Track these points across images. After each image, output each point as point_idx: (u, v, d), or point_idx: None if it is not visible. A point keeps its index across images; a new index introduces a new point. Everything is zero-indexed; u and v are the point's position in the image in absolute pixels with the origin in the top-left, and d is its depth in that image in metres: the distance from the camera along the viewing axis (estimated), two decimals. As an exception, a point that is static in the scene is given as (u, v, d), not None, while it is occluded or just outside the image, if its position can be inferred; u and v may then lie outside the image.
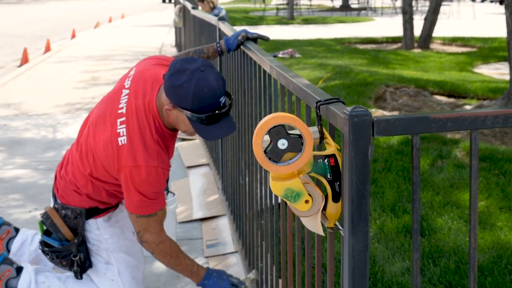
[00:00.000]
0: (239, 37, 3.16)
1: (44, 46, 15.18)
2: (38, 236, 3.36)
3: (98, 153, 2.77)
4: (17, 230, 3.39)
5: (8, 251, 3.28)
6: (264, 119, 1.61)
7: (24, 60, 12.78)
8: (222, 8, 8.30)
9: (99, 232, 2.99)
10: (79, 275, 3.00)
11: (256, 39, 3.20)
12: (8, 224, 3.38)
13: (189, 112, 2.56)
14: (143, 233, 2.81)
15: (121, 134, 2.69)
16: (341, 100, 1.67)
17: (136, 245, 3.11)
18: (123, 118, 2.72)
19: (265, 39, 3.24)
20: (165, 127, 2.74)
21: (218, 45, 3.19)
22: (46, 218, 2.95)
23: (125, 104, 2.75)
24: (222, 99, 2.59)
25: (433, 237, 3.94)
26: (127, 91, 2.79)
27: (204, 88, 2.52)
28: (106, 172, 2.79)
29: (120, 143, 2.68)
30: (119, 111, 2.74)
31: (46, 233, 3.01)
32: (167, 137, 2.77)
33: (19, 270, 3.11)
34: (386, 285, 3.40)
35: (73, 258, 2.95)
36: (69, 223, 2.96)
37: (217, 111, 2.58)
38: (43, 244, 2.99)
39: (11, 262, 3.12)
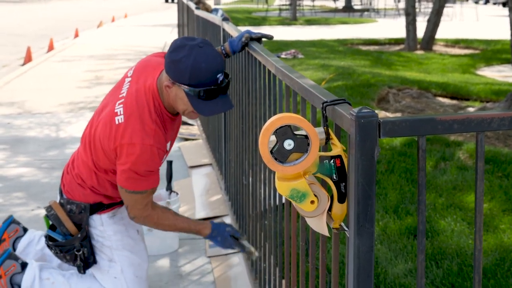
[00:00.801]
0: (243, 39, 3.19)
1: (47, 45, 15.21)
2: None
3: (98, 137, 2.81)
4: (25, 230, 3.39)
5: (14, 249, 3.28)
6: (270, 120, 1.61)
7: (28, 59, 12.80)
8: (219, 9, 8.28)
9: (103, 228, 2.99)
10: (82, 269, 3.01)
11: (260, 38, 3.21)
12: (17, 223, 3.39)
13: (186, 87, 2.62)
14: (130, 208, 2.85)
15: (119, 114, 2.74)
16: (347, 101, 1.67)
17: (140, 243, 3.11)
18: (122, 100, 2.79)
19: (268, 37, 3.25)
20: (165, 109, 2.78)
21: (222, 47, 3.22)
22: (50, 212, 2.97)
23: (126, 89, 2.82)
24: (220, 76, 2.64)
25: (436, 239, 3.94)
26: (129, 79, 2.88)
27: (202, 62, 2.58)
28: (106, 157, 2.82)
29: (117, 122, 2.73)
30: (120, 96, 2.82)
31: (51, 227, 3.04)
32: (166, 119, 2.80)
33: (24, 265, 3.13)
34: (389, 287, 3.40)
35: (76, 253, 2.96)
36: (74, 218, 2.97)
37: (214, 87, 2.63)
38: (47, 238, 3.01)
39: (16, 258, 3.15)
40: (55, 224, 2.98)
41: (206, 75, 2.60)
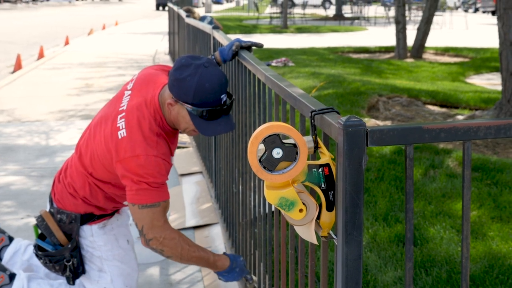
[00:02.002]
0: (233, 47, 3.17)
1: (37, 52, 15.18)
2: (32, 247, 3.34)
3: (98, 150, 2.78)
4: (11, 239, 3.37)
5: (0, 259, 3.27)
6: (259, 128, 1.62)
7: (18, 66, 12.77)
8: (207, 17, 8.29)
9: (93, 239, 2.99)
10: (71, 280, 2.99)
11: (250, 47, 3.21)
12: (2, 232, 3.37)
13: (190, 106, 2.62)
14: (147, 229, 2.72)
15: (121, 128, 2.71)
16: (335, 110, 1.68)
17: (130, 253, 3.11)
18: (123, 114, 2.75)
19: (258, 46, 3.25)
20: (167, 124, 2.77)
21: (213, 57, 3.22)
22: (40, 222, 2.95)
23: (126, 102, 2.79)
24: (224, 97, 2.65)
25: (425, 246, 3.95)
26: (130, 92, 2.85)
27: (206, 83, 2.59)
28: (105, 169, 2.79)
29: (119, 136, 2.70)
30: (120, 109, 2.79)
31: (40, 237, 3.02)
32: (168, 133, 2.79)
33: (12, 277, 3.11)
34: (378, 294, 3.41)
35: (66, 263, 2.94)
36: (64, 228, 2.96)
37: (217, 107, 2.64)
38: (37, 248, 2.99)
39: (4, 269, 3.13)
40: (45, 234, 2.95)
41: (210, 96, 2.60)
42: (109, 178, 2.83)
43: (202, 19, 8.09)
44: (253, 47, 3.25)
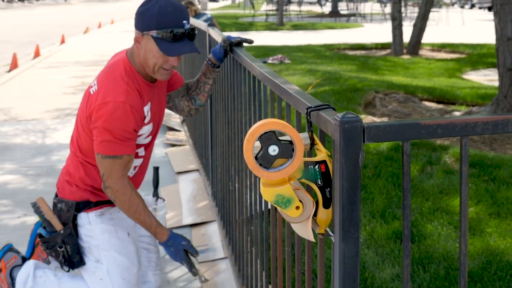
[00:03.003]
0: (222, 43, 3.23)
1: (33, 51, 15.15)
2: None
3: (79, 118, 2.90)
4: (23, 259, 3.32)
5: (12, 279, 3.22)
6: (254, 126, 1.61)
7: (14, 65, 12.74)
8: (205, 14, 8.27)
9: (91, 227, 2.98)
10: (63, 266, 3.00)
11: (240, 43, 3.21)
12: (16, 252, 3.32)
13: (155, 32, 2.75)
14: (106, 177, 2.81)
15: (93, 85, 2.86)
16: (331, 106, 1.67)
17: (130, 246, 3.07)
18: (96, 77, 2.90)
19: (248, 42, 3.24)
20: (138, 73, 2.87)
21: (207, 59, 3.23)
22: (35, 207, 3.01)
23: (96, 76, 2.94)
24: (186, 23, 2.80)
25: (423, 243, 3.95)
26: (99, 69, 2.99)
27: (167, 7, 2.76)
28: (86, 135, 2.87)
29: (91, 92, 2.84)
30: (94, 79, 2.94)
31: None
32: (141, 84, 2.87)
33: (24, 259, 3.18)
34: (376, 291, 3.40)
35: (58, 249, 2.97)
36: (63, 216, 2.99)
37: (180, 29, 2.77)
38: (38, 235, 3.05)
39: (17, 251, 3.20)
40: (40, 219, 3.02)
41: (172, 18, 2.75)
42: (92, 143, 2.90)
43: (200, 15, 8.06)
44: (247, 44, 3.24)
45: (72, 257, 3.00)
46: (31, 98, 9.35)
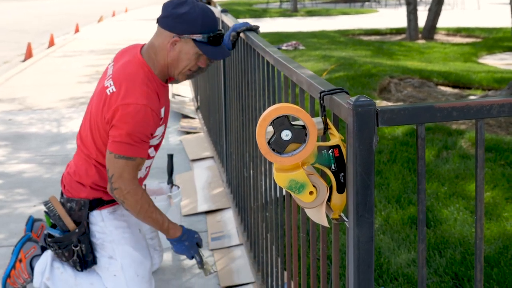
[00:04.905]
0: (231, 37, 3.29)
1: (48, 40, 15.18)
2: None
3: (94, 119, 2.84)
4: (43, 248, 3.33)
5: (32, 269, 3.23)
6: (267, 110, 1.60)
7: (28, 55, 12.78)
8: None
9: (104, 224, 2.98)
10: (78, 266, 3.00)
11: (245, 31, 3.23)
12: (35, 241, 3.32)
13: (198, 35, 2.78)
14: (116, 178, 2.76)
15: (109, 86, 2.79)
16: (345, 90, 1.65)
17: (142, 241, 3.08)
18: (110, 77, 2.84)
19: (254, 29, 3.25)
20: (155, 75, 2.85)
21: None
22: (48, 207, 2.98)
23: (111, 71, 2.89)
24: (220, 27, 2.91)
25: (439, 228, 3.93)
26: (111, 65, 2.96)
27: (208, 11, 2.82)
28: (101, 139, 2.84)
29: (109, 93, 2.78)
30: (107, 77, 2.88)
31: (53, 226, 3.04)
32: (158, 85, 2.85)
33: (43, 249, 3.19)
34: (392, 277, 3.39)
35: (74, 248, 2.95)
36: (74, 215, 2.97)
37: (220, 32, 2.86)
38: (47, 236, 3.01)
39: (36, 241, 3.21)
40: (52, 219, 2.97)
41: (214, 22, 2.83)
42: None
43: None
44: (262, 32, 3.25)
45: (86, 256, 2.99)
46: (46, 87, 9.38)
